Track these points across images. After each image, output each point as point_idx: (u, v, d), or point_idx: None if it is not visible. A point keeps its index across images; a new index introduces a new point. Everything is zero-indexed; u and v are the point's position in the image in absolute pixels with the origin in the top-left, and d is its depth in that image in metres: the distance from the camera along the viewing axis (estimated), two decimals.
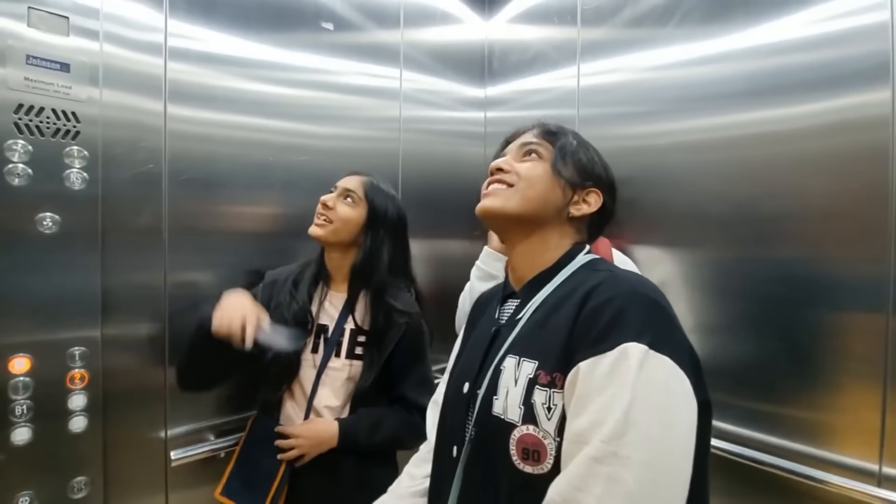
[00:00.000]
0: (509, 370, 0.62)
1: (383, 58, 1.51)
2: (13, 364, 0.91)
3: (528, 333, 0.64)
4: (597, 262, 0.69)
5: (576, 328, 0.57)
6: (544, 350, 0.59)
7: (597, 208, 0.72)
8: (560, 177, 0.69)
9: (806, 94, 1.02)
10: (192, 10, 1.13)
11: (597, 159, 0.75)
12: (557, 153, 0.71)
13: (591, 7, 1.43)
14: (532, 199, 0.68)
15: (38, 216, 0.92)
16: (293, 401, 1.08)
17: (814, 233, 1.01)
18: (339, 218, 1.07)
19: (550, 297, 0.65)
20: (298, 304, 1.07)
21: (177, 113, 1.12)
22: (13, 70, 0.89)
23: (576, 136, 0.75)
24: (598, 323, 0.55)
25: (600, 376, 0.51)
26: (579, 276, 0.66)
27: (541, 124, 0.76)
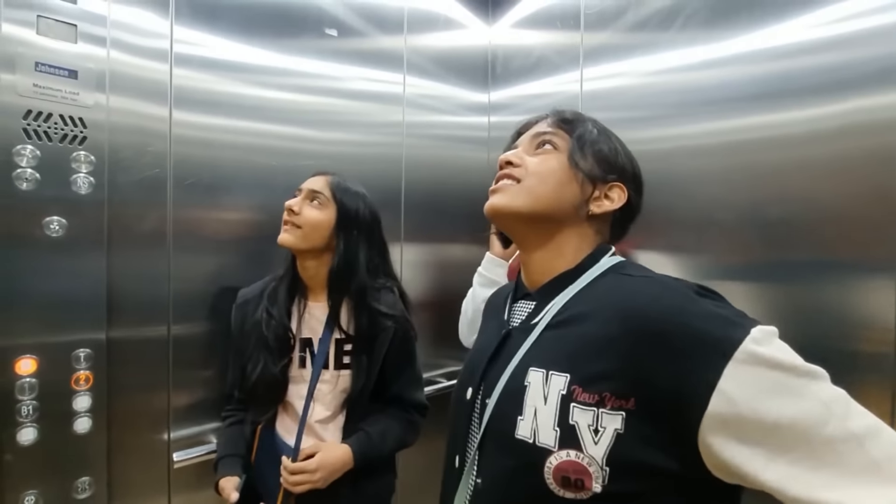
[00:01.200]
0: (536, 386, 0.54)
1: (387, 63, 1.52)
2: (20, 365, 0.92)
3: (551, 342, 0.57)
4: (626, 266, 0.62)
5: (632, 341, 0.49)
6: (578, 362, 0.52)
7: (620, 205, 0.63)
8: (578, 170, 0.61)
9: (812, 98, 1.01)
10: (197, 16, 1.15)
11: (620, 149, 0.67)
12: (575, 143, 0.63)
13: (594, 11, 1.43)
14: (543, 196, 0.61)
15: (45, 220, 0.94)
16: (286, 414, 1.06)
17: (822, 238, 0.99)
18: (307, 222, 1.01)
19: (574, 301, 0.58)
20: (276, 321, 1.02)
21: (182, 118, 1.13)
22: (22, 77, 0.91)
23: (596, 123, 0.68)
24: (691, 333, 0.47)
25: (756, 388, 0.44)
26: (609, 281, 0.58)
27: (556, 112, 0.68)
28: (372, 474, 1.05)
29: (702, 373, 0.45)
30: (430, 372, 1.65)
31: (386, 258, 1.13)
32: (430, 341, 1.61)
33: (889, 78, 0.91)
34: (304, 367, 1.05)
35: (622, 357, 0.49)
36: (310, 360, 1.05)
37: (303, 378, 1.05)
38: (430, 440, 1.23)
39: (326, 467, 0.96)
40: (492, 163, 1.75)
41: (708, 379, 0.45)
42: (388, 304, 1.07)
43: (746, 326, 0.47)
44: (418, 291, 1.61)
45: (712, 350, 0.46)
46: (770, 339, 0.47)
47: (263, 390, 1.02)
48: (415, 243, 1.60)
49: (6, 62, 0.90)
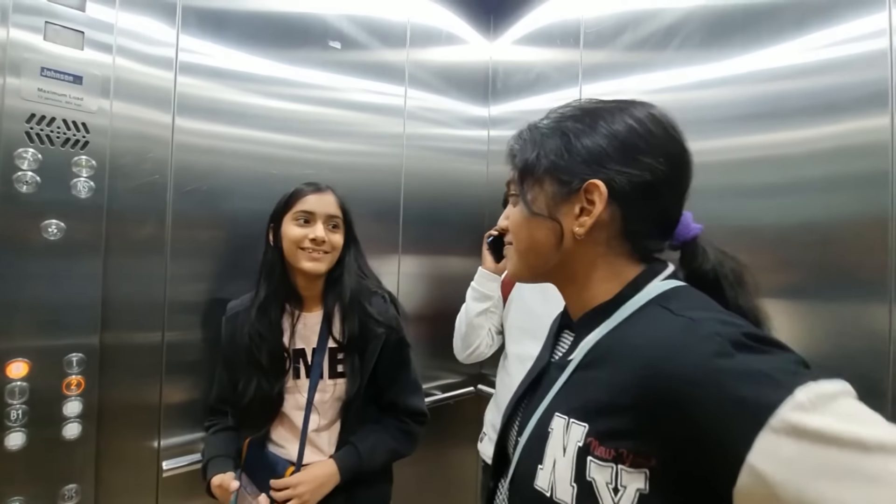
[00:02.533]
0: (558, 433, 0.49)
1: (388, 76, 1.54)
2: (11, 368, 0.92)
3: (578, 385, 0.51)
4: (675, 295, 0.50)
5: (664, 405, 0.42)
6: (595, 411, 0.47)
7: (602, 205, 0.51)
8: (533, 214, 0.54)
9: (804, 120, 1.03)
10: (203, 26, 1.17)
11: (580, 130, 0.53)
12: (519, 182, 0.55)
13: (593, 31, 1.46)
14: (530, 254, 0.56)
15: (43, 223, 0.94)
16: (283, 427, 1.05)
17: (813, 258, 1.00)
18: (333, 247, 1.04)
19: (606, 339, 0.51)
20: (270, 341, 1.02)
21: (184, 125, 1.14)
22: (28, 81, 0.92)
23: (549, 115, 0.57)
24: (716, 395, 0.39)
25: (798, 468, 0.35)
26: (648, 315, 0.49)
27: (508, 148, 0.59)
28: (366, 484, 1.04)
29: (729, 443, 0.37)
30: (426, 384, 1.63)
31: (363, 253, 1.14)
32: (427, 353, 1.61)
33: (880, 102, 0.93)
34: (297, 377, 1.05)
35: (640, 414, 0.43)
36: (304, 370, 1.05)
37: (296, 389, 1.04)
38: (426, 447, 1.22)
39: (310, 482, 0.96)
40: (491, 176, 1.77)
41: (737, 450, 0.37)
42: (380, 310, 1.07)
43: (790, 386, 0.36)
44: (416, 303, 1.61)
45: (741, 415, 0.37)
46: (824, 403, 0.36)
47: (258, 409, 1.02)
48: (413, 255, 1.61)
49: (13, 66, 0.91)
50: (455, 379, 1.70)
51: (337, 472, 0.98)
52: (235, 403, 1.04)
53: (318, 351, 1.04)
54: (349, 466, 1.00)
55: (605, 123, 0.53)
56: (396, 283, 1.57)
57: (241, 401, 1.01)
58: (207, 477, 0.99)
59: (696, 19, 1.21)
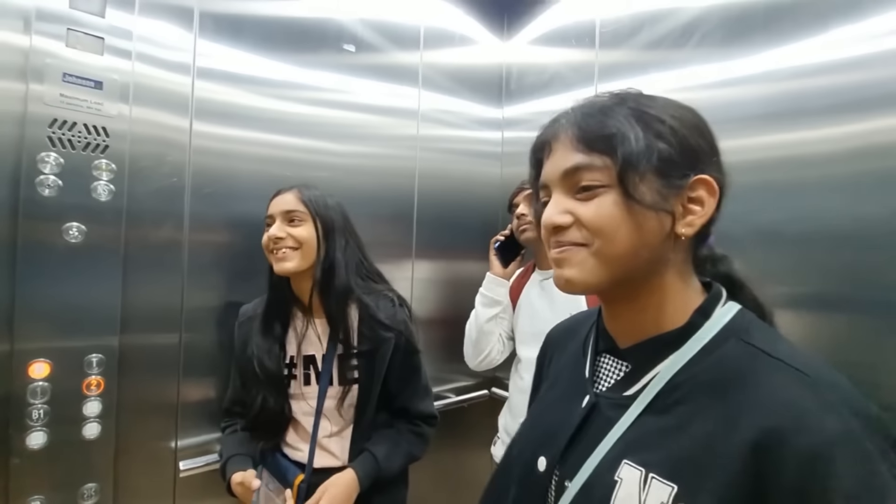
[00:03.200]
0: (630, 485, 0.44)
1: (402, 78, 1.54)
2: (33, 369, 0.93)
3: (655, 431, 0.46)
4: (749, 326, 0.48)
5: (766, 478, 0.38)
6: (689, 473, 0.42)
7: (715, 202, 0.48)
8: (646, 206, 0.45)
9: (829, 118, 1.00)
10: (220, 31, 1.18)
11: (676, 122, 0.48)
12: (624, 168, 0.45)
13: (609, 30, 1.44)
14: (622, 256, 0.46)
15: (64, 226, 0.96)
16: (293, 431, 1.06)
17: (841, 260, 0.97)
18: (299, 241, 1.00)
19: (684, 376, 0.46)
20: (270, 357, 1.02)
21: (202, 129, 1.15)
22: (50, 86, 0.94)
23: (631, 104, 0.48)
24: (833, 487, 0.36)
25: None
26: (731, 350, 0.45)
27: (578, 124, 0.48)
28: (383, 489, 1.03)
29: None
30: (440, 387, 1.63)
31: (364, 253, 1.10)
32: (440, 356, 1.60)
33: None
34: (308, 384, 1.05)
35: (749, 487, 0.39)
36: (314, 376, 1.05)
37: (307, 395, 1.04)
38: (440, 451, 1.22)
39: (336, 498, 0.95)
40: (505, 178, 1.76)
41: None
42: (388, 314, 1.05)
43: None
44: (430, 307, 1.61)
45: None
46: None
47: (265, 421, 1.03)
48: (426, 258, 1.60)
49: (35, 72, 0.93)
50: (469, 382, 1.69)
51: (357, 482, 0.98)
52: (245, 414, 1.05)
53: (326, 357, 1.04)
54: (368, 473, 0.99)
55: (688, 115, 0.50)
56: (410, 287, 1.57)
57: (250, 413, 1.02)
58: (227, 475, 1.00)
59: (714, 16, 1.19)
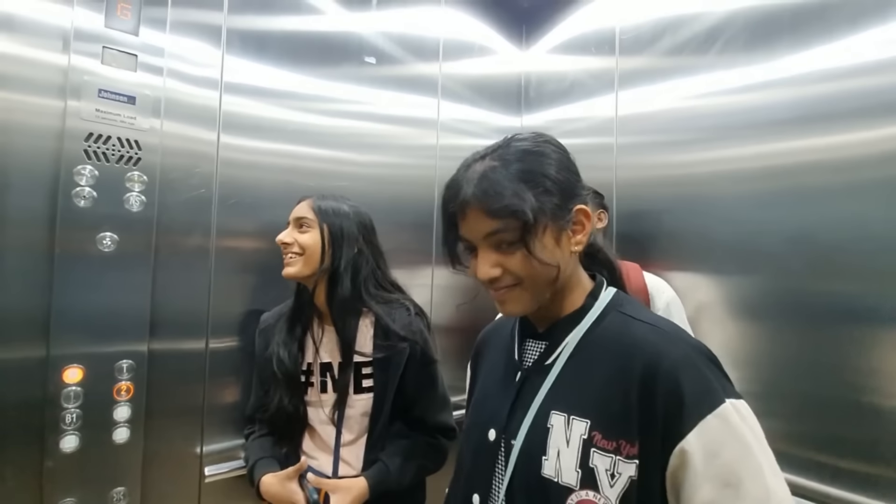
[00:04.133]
0: (559, 429, 0.58)
1: (422, 89, 1.56)
2: (67, 374, 0.97)
3: (568, 385, 0.60)
4: (622, 301, 0.64)
5: (648, 399, 0.53)
6: (596, 408, 0.56)
7: (591, 226, 0.62)
8: (549, 263, 0.58)
9: (860, 121, 0.97)
10: (246, 47, 1.22)
11: (556, 165, 0.60)
12: (528, 235, 0.56)
13: (630, 37, 1.44)
14: (546, 285, 0.60)
15: (98, 235, 0.99)
16: (310, 439, 1.06)
17: (874, 266, 0.94)
18: (303, 247, 1.02)
19: (585, 342, 0.61)
20: (288, 359, 1.03)
21: (228, 142, 1.19)
22: (86, 102, 0.98)
23: (518, 164, 0.58)
24: (680, 394, 0.51)
25: (713, 444, 0.50)
26: (612, 319, 0.62)
27: (480, 200, 0.57)
28: (400, 499, 1.03)
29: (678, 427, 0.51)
30: (458, 396, 1.62)
31: (380, 265, 1.11)
32: (458, 364, 1.59)
33: None
34: (325, 391, 1.05)
35: (634, 408, 0.54)
36: (331, 384, 1.05)
37: (323, 403, 1.05)
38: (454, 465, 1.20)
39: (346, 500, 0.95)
40: None
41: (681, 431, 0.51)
42: (403, 322, 1.05)
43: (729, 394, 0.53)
44: (449, 313, 1.61)
45: (693, 410, 0.51)
46: (738, 409, 0.52)
47: (282, 423, 1.04)
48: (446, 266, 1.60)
49: (73, 89, 0.97)
50: None
51: (367, 489, 0.97)
52: (266, 411, 1.06)
53: (343, 365, 1.05)
54: (379, 482, 0.99)
55: (557, 157, 0.61)
56: (430, 293, 1.57)
57: (268, 414, 1.04)
58: (256, 478, 1.00)
59: (739, 21, 1.17)
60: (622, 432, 0.53)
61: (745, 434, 0.50)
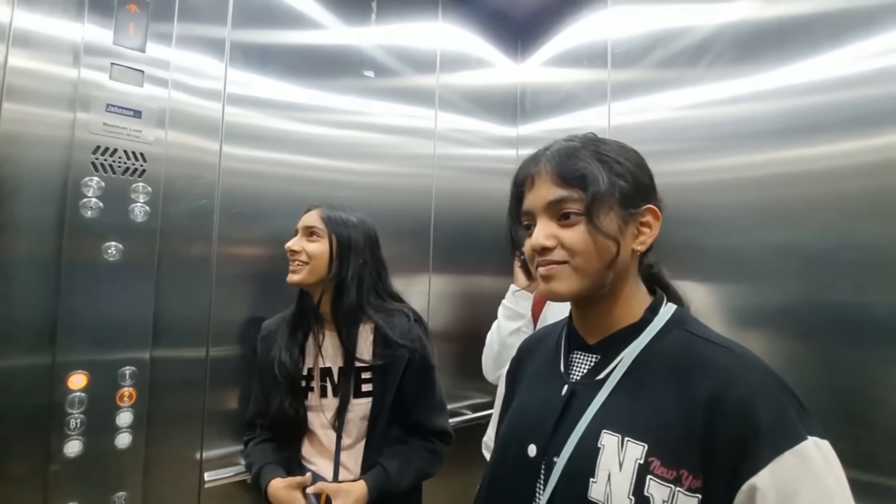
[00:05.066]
0: (611, 451, 0.53)
1: (419, 100, 1.59)
2: (72, 380, 0.99)
3: (623, 404, 0.56)
4: (686, 319, 0.60)
5: (716, 427, 0.49)
6: (655, 431, 0.52)
7: (658, 227, 0.60)
8: (609, 233, 0.57)
9: (846, 132, 1.00)
10: (248, 60, 1.26)
11: (630, 163, 0.60)
12: (594, 206, 0.56)
13: (621, 51, 1.47)
14: (597, 270, 0.57)
15: (104, 245, 1.02)
16: (309, 443, 1.08)
17: (865, 276, 0.96)
18: (310, 256, 1.05)
19: (643, 358, 0.57)
20: (289, 361, 1.06)
21: (231, 152, 1.22)
22: (94, 116, 1.02)
23: (594, 147, 0.60)
24: (755, 424, 0.47)
25: (789, 485, 0.45)
26: (675, 337, 0.58)
27: (556, 163, 0.59)
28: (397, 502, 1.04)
29: (760, 449, 0.47)
30: (456, 403, 1.64)
31: (382, 276, 1.14)
32: (456, 372, 1.61)
33: None
34: (325, 396, 1.07)
35: (698, 435, 0.49)
36: (331, 389, 1.07)
37: (323, 407, 1.07)
38: (456, 470, 1.22)
39: None
40: None
41: (758, 461, 0.47)
42: (403, 329, 1.07)
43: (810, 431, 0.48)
44: (447, 322, 1.63)
45: (769, 443, 0.47)
46: (820, 449, 0.48)
47: (283, 427, 1.06)
48: (443, 274, 1.63)
49: (82, 103, 1.01)
50: (486, 398, 1.69)
51: (366, 492, 0.99)
52: (266, 414, 1.08)
53: (343, 371, 1.07)
54: (378, 485, 1.01)
55: (635, 157, 0.62)
56: (427, 301, 1.59)
57: (269, 417, 1.06)
58: (263, 483, 1.01)
59: (727, 36, 1.20)
60: (684, 461, 0.49)
61: (827, 479, 0.46)
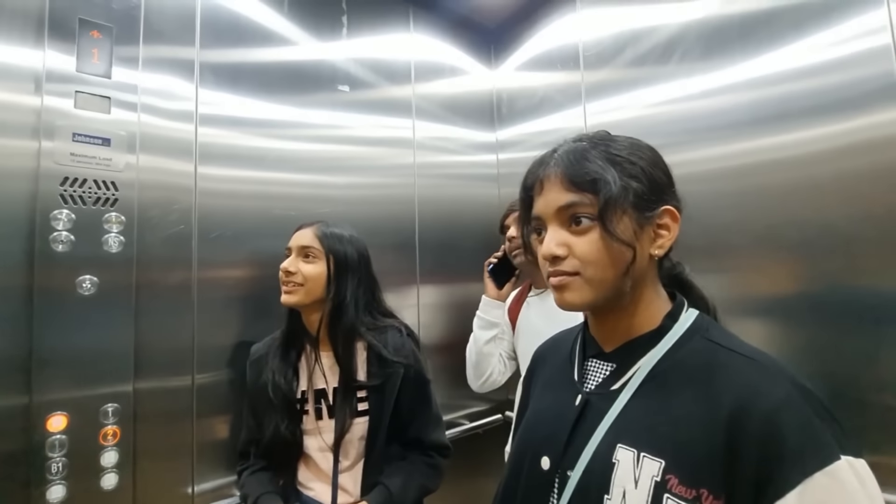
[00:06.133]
0: (626, 467, 0.51)
1: (396, 111, 1.59)
2: (51, 422, 0.94)
3: (639, 416, 0.53)
4: (708, 326, 0.57)
5: (739, 444, 0.46)
6: (673, 447, 0.49)
7: (678, 228, 0.57)
8: (623, 239, 0.54)
9: (813, 119, 1.02)
10: (219, 79, 1.23)
11: (644, 161, 0.56)
12: (606, 211, 0.53)
13: (593, 53, 1.49)
14: (610, 279, 0.54)
15: (77, 279, 0.98)
16: (305, 467, 1.05)
17: (841, 261, 0.98)
18: (306, 278, 1.03)
19: (661, 367, 0.54)
20: (284, 382, 1.03)
21: (206, 173, 1.19)
22: (60, 145, 0.98)
23: (605, 147, 0.57)
24: (781, 442, 0.44)
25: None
26: (696, 346, 0.54)
27: (566, 166, 0.56)
28: None
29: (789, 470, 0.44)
30: (452, 413, 1.62)
31: (376, 294, 1.12)
32: (450, 382, 1.59)
33: (890, 95, 0.93)
34: (320, 418, 1.05)
35: (720, 453, 0.46)
36: (326, 410, 1.05)
37: (319, 430, 1.04)
38: (456, 483, 1.20)
39: None
40: (502, 198, 1.79)
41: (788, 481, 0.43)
42: (396, 345, 1.06)
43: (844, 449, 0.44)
44: (437, 333, 1.61)
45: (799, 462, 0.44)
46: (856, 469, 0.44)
47: (279, 451, 1.02)
48: (431, 284, 1.62)
49: (47, 131, 0.97)
50: (482, 407, 1.68)
51: None
52: (259, 443, 1.05)
53: (339, 391, 1.04)
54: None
55: (649, 154, 0.58)
56: (417, 315, 1.58)
57: (264, 442, 1.02)
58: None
59: (693, 32, 1.23)
60: (705, 480, 0.46)
61: (863, 503, 0.42)
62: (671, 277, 0.63)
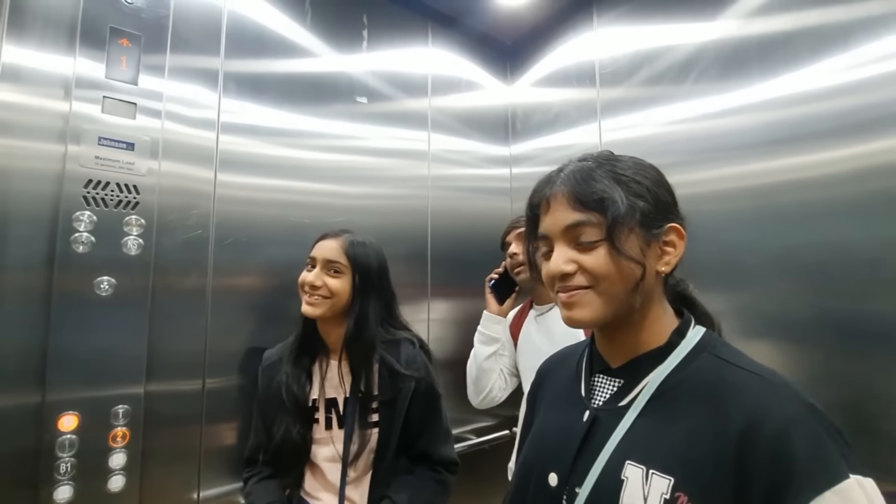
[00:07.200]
0: (635, 484, 0.51)
1: (412, 123, 1.61)
2: (62, 422, 0.94)
3: (648, 433, 0.53)
4: (715, 343, 0.57)
5: (748, 462, 0.46)
6: (682, 465, 0.49)
7: (683, 246, 0.58)
8: (631, 256, 0.55)
9: (831, 141, 1.02)
10: (241, 89, 1.26)
11: (649, 181, 0.58)
12: (615, 229, 0.54)
13: (609, 70, 1.51)
14: (620, 295, 0.55)
15: (96, 280, 0.99)
16: (313, 477, 1.04)
17: (856, 283, 0.97)
18: (332, 292, 1.03)
19: (669, 384, 0.54)
20: (297, 386, 1.03)
21: (225, 180, 1.21)
22: (86, 149, 1.00)
23: (610, 167, 0.58)
24: (791, 460, 0.44)
25: None
26: (703, 363, 0.55)
27: (572, 186, 0.57)
28: None
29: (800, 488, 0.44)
30: (461, 428, 1.60)
31: (392, 307, 1.12)
32: (460, 397, 1.58)
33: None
34: (330, 428, 1.04)
35: (729, 471, 0.46)
36: (336, 420, 1.04)
37: (328, 439, 1.04)
38: (464, 494, 1.18)
39: None
40: (515, 212, 1.79)
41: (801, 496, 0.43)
42: (409, 358, 1.06)
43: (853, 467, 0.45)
44: (446, 347, 1.61)
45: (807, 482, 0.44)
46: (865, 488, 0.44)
47: (288, 453, 1.02)
48: (442, 297, 1.62)
49: (74, 136, 0.99)
50: (490, 422, 1.66)
51: None
52: (269, 448, 1.04)
53: (349, 402, 1.04)
54: None
55: (653, 174, 0.60)
56: (427, 328, 1.57)
57: (273, 445, 1.02)
58: None
59: (710, 53, 1.24)
60: (714, 498, 0.46)
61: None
62: (675, 294, 0.64)
